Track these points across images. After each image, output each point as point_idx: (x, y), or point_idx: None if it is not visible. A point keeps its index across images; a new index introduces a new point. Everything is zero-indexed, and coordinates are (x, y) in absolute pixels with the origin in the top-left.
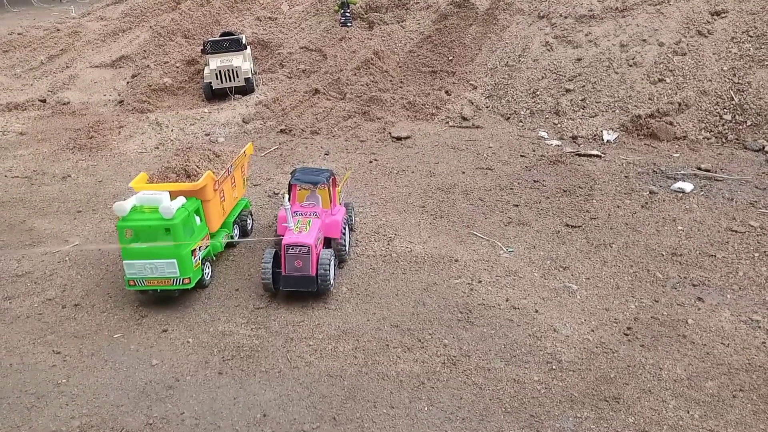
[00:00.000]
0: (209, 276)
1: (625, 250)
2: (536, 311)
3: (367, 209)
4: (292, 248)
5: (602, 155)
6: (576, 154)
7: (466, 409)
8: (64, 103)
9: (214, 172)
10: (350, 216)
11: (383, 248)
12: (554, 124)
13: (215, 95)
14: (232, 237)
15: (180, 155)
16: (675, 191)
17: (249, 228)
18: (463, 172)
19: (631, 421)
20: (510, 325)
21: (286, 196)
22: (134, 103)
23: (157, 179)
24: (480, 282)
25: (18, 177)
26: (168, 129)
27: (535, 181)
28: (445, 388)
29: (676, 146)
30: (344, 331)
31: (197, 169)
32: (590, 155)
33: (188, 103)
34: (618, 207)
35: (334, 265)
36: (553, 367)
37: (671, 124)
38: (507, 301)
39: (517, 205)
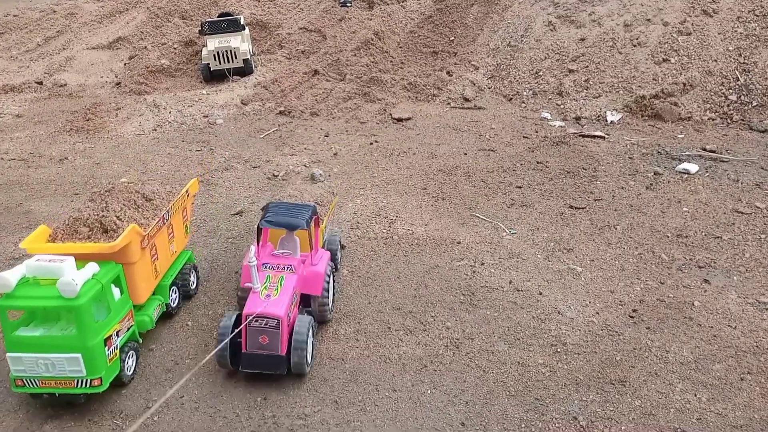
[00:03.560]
0: (132, 368)
1: (629, 231)
2: (540, 293)
3: (368, 191)
4: (257, 320)
5: (606, 136)
6: (579, 135)
7: (469, 392)
8: (61, 85)
9: (140, 225)
10: (336, 256)
11: (384, 230)
12: (557, 104)
13: (213, 76)
14: (168, 306)
15: (96, 201)
16: (680, 172)
17: (192, 288)
18: (465, 154)
19: (637, 404)
20: (513, 307)
21: (252, 248)
22: (131, 85)
23: (62, 236)
24: (483, 264)
25: (15, 159)
26: (166, 111)
27: (538, 162)
28: (448, 371)
29: (681, 127)
30: (345, 314)
31: (117, 221)
32: (594, 136)
33: (186, 85)
34: (622, 188)
35: (313, 336)
36: (558, 349)
37: (676, 104)
38: (510, 283)
39: (520, 187)
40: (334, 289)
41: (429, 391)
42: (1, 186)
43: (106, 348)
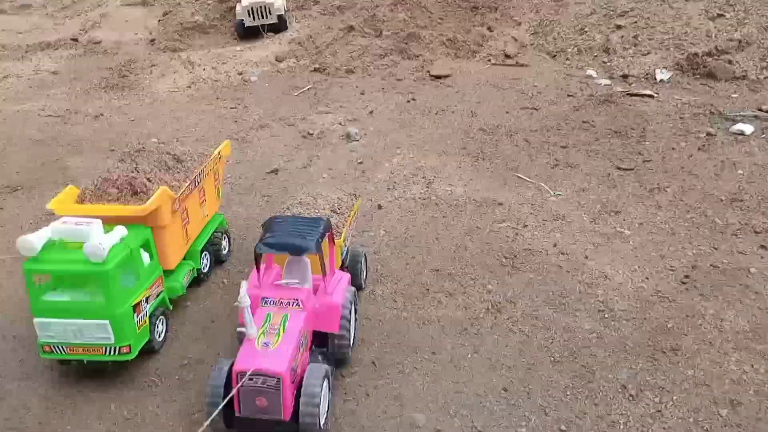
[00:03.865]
0: (163, 334)
1: (681, 194)
2: (586, 257)
3: (405, 151)
4: (251, 379)
5: (655, 95)
6: (627, 94)
7: (512, 357)
8: (96, 42)
9: (171, 187)
10: (359, 274)
11: (422, 191)
12: (603, 62)
13: (247, 33)
14: (198, 272)
15: (125, 161)
16: (734, 133)
17: (224, 253)
18: (507, 113)
19: (690, 374)
20: (558, 271)
21: (242, 285)
22: (166, 42)
23: (90, 197)
24: (525, 226)
25: (51, 116)
26: (200, 68)
27: (583, 121)
28: (489, 335)
29: (735, 86)
30: (382, 275)
31: (147, 183)
32: (642, 95)
33: (220, 42)
34: (673, 149)
35: (330, 387)
36: (606, 315)
37: (730, 62)
38: (555, 246)
39: (564, 147)
40: (356, 320)
41: (470, 355)
42: (39, 142)
43: (135, 315)
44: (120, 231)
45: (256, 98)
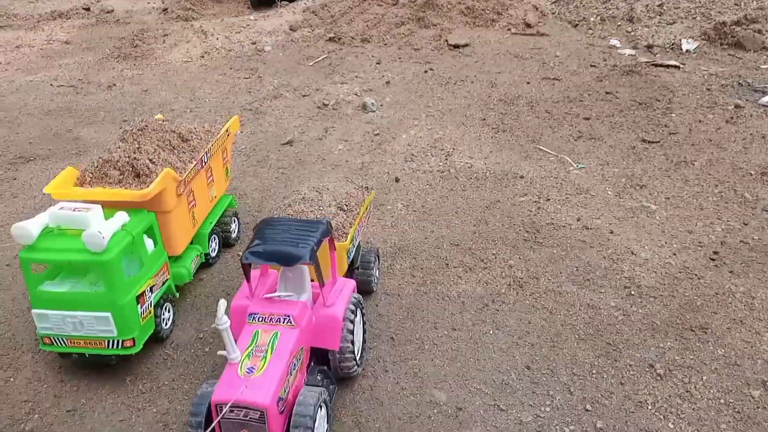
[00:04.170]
0: (170, 323)
1: (708, 168)
2: (611, 232)
3: (423, 122)
4: (232, 410)
5: (681, 66)
6: (652, 65)
7: (535, 334)
8: (108, 12)
9: (176, 168)
10: (370, 276)
11: (440, 163)
12: (627, 32)
13: (261, 2)
14: (206, 256)
15: (127, 140)
16: (763, 105)
17: (233, 236)
18: (528, 83)
19: (720, 353)
20: (582, 246)
21: (220, 305)
22: (178, 11)
23: (90, 179)
24: (548, 200)
25: (64, 86)
26: (213, 37)
27: (607, 92)
28: (511, 311)
29: (765, 57)
30: (400, 249)
31: (150, 165)
32: (668, 66)
33: (233, 11)
34: (700, 122)
35: (328, 410)
36: (632, 292)
37: (759, 32)
38: (578, 220)
39: (587, 119)
40: (364, 331)
41: (491, 332)
42: (51, 112)
43: (139, 306)
44: (121, 217)
45: (270, 68)
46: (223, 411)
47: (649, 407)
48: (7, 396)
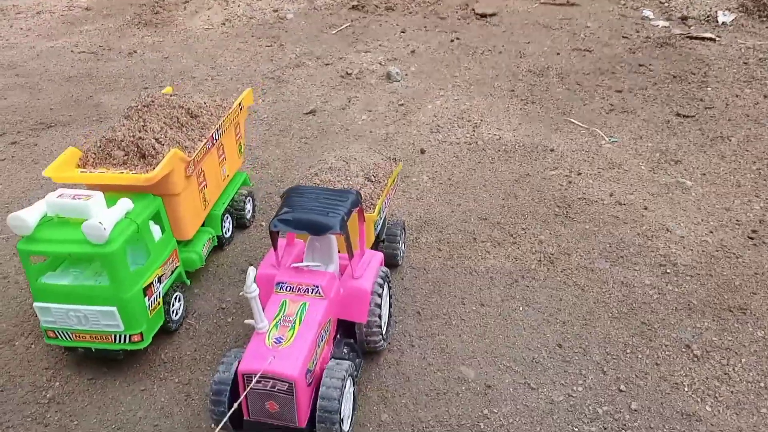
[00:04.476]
0: (180, 312)
1: (746, 144)
2: (645, 208)
3: (449, 92)
4: (260, 382)
5: (717, 38)
6: (686, 37)
7: (566, 311)
8: None
9: (184, 148)
10: (396, 251)
11: (468, 135)
12: (660, 2)
13: None
14: (219, 239)
15: (132, 118)
16: None
17: (248, 217)
18: (558, 54)
19: (760, 335)
20: (615, 222)
21: (250, 273)
22: None
23: (94, 160)
24: (579, 174)
25: (84, 52)
26: (234, 4)
27: (640, 65)
28: (542, 287)
29: None
30: (426, 222)
31: (157, 145)
32: (703, 38)
33: None
34: (737, 96)
35: (354, 386)
36: (668, 270)
37: None
38: (611, 196)
39: (620, 91)
40: (390, 305)
41: (521, 308)
42: (72, 78)
43: (146, 298)
44: (124, 204)
45: (292, 36)
46: (253, 381)
47: (686, 389)
48: (29, 363)
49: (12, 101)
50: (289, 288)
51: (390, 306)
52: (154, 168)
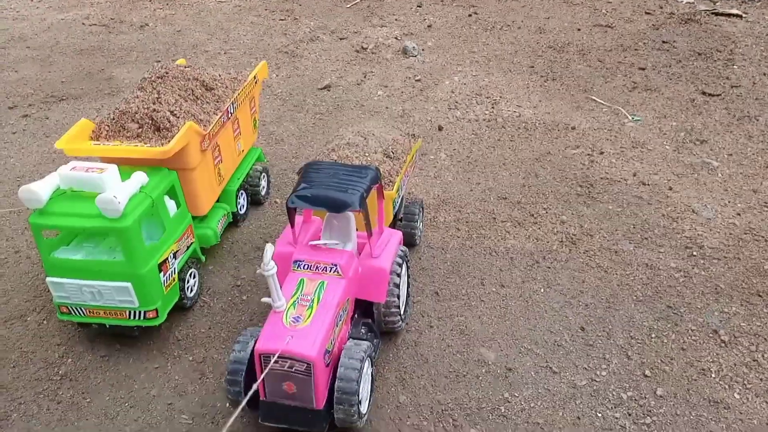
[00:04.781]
0: (195, 289)
1: None
2: (670, 189)
3: (467, 68)
4: (277, 362)
5: (744, 15)
6: (712, 13)
7: (589, 293)
8: None
9: (199, 121)
10: (414, 230)
11: (487, 112)
12: None
13: None
14: (234, 215)
15: (146, 89)
16: None
17: (262, 194)
18: (579, 30)
19: None
20: (639, 203)
21: (267, 250)
22: None
23: (107, 133)
24: (602, 153)
25: (96, 25)
26: None
27: (663, 41)
28: (564, 269)
29: None
30: (444, 201)
31: (172, 117)
32: (729, 14)
33: None
34: (764, 75)
35: (372, 366)
36: (694, 253)
37: None
38: (634, 176)
39: (643, 69)
40: (409, 285)
41: (542, 290)
42: (83, 51)
43: (162, 274)
44: (139, 178)
45: (306, 10)
46: (271, 362)
47: (713, 375)
48: (41, 339)
49: (23, 74)
50: (306, 266)
51: (408, 286)
52: (169, 141)
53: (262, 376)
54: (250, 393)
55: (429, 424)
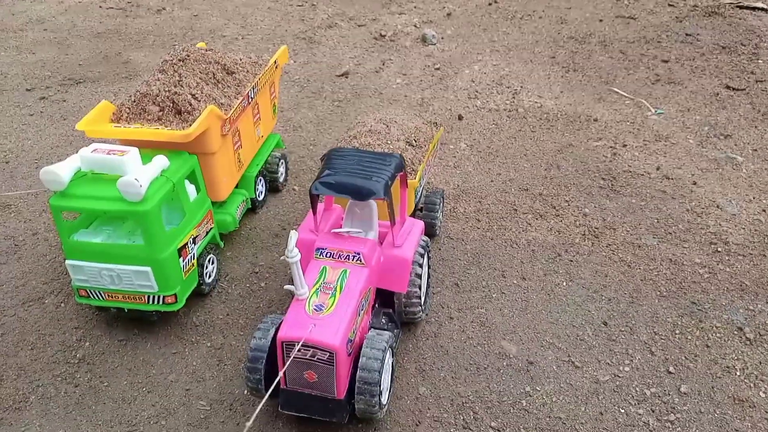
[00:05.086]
0: (214, 275)
1: None
2: (694, 183)
3: (487, 57)
4: (301, 351)
5: None
6: (736, 6)
7: (612, 288)
8: None
9: (220, 105)
10: (435, 220)
11: (507, 102)
12: None
13: None
14: (252, 201)
15: (167, 72)
16: None
17: (281, 180)
18: (600, 20)
19: None
20: (663, 197)
21: (291, 236)
22: None
23: (128, 115)
24: (624, 146)
25: (113, 8)
26: None
27: (687, 34)
28: (586, 262)
29: None
30: (464, 191)
31: (193, 101)
32: (754, 8)
33: None
34: None
35: (392, 359)
36: (719, 249)
37: None
38: (658, 169)
39: (666, 61)
40: (429, 276)
41: (564, 283)
42: (100, 35)
43: (181, 259)
44: (160, 161)
45: None
46: (294, 350)
47: (738, 373)
48: (59, 322)
49: (40, 56)
50: (329, 254)
51: (429, 276)
52: (189, 125)
53: (286, 366)
54: (276, 382)
55: (449, 416)
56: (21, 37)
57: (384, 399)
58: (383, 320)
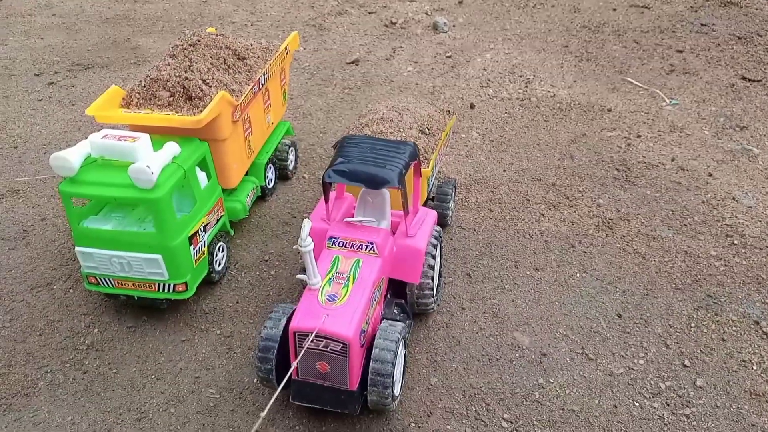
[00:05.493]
0: (224, 263)
1: None
2: (710, 175)
3: (499, 45)
4: (314, 342)
5: None
6: None
7: (626, 280)
8: None
9: (231, 91)
10: (446, 210)
11: (520, 91)
12: None
13: None
14: (262, 189)
15: (178, 57)
16: None
17: (290, 168)
18: (614, 9)
19: None
20: (678, 188)
21: (305, 225)
22: None
23: (138, 100)
24: (639, 136)
25: None
26: None
27: (702, 24)
28: (600, 254)
29: None
30: (476, 181)
31: (204, 86)
32: None
33: None
34: None
35: (404, 351)
36: (735, 241)
37: None
38: (673, 160)
39: (681, 51)
40: (441, 266)
41: (578, 275)
42: (109, 20)
43: (192, 247)
44: (171, 148)
45: None
46: (307, 340)
47: (755, 367)
48: (67, 308)
49: (49, 41)
50: (341, 243)
51: (441, 267)
52: (200, 111)
53: (299, 357)
54: (289, 373)
55: (461, 407)
56: (30, 22)
57: (396, 390)
58: (395, 311)
